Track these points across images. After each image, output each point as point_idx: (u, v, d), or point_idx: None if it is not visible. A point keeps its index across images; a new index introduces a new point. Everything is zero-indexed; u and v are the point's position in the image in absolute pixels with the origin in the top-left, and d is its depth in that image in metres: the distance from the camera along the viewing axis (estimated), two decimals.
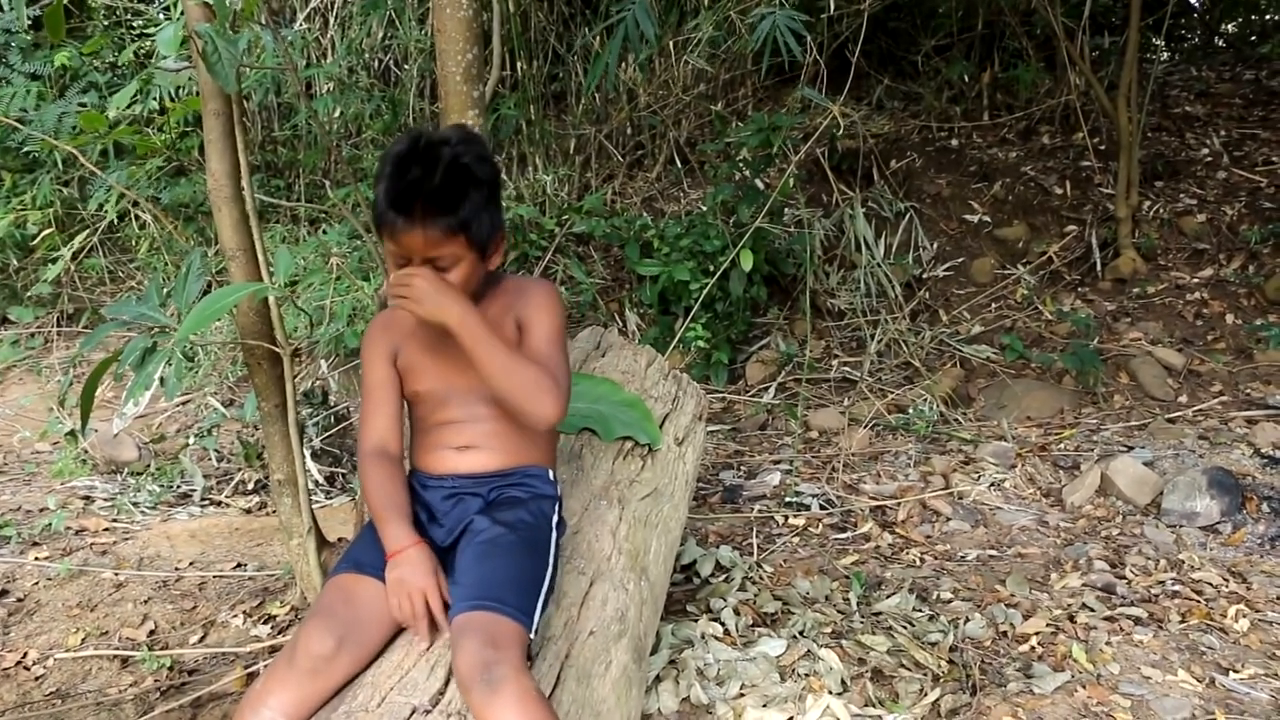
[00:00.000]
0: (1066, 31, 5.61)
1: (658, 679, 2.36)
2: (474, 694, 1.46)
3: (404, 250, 1.70)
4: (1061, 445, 4.09)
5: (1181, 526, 3.37)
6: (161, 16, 5.86)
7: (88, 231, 5.65)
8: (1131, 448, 3.93)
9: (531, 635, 1.61)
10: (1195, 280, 5.33)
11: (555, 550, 1.80)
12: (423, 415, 1.89)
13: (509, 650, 1.51)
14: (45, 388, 5.06)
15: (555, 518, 1.85)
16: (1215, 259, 5.45)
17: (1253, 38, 7.87)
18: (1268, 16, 7.82)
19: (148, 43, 5.38)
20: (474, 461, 1.85)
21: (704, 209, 5.63)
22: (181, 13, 2.35)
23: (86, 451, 4.17)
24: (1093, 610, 2.82)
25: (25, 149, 5.58)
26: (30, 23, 5.64)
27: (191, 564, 3.29)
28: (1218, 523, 3.37)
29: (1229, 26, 8.12)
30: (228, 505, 3.89)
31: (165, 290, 2.35)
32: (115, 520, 3.66)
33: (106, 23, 5.88)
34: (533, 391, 1.72)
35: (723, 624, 2.65)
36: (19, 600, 3.04)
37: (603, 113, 6.47)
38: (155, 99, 5.05)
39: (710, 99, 6.56)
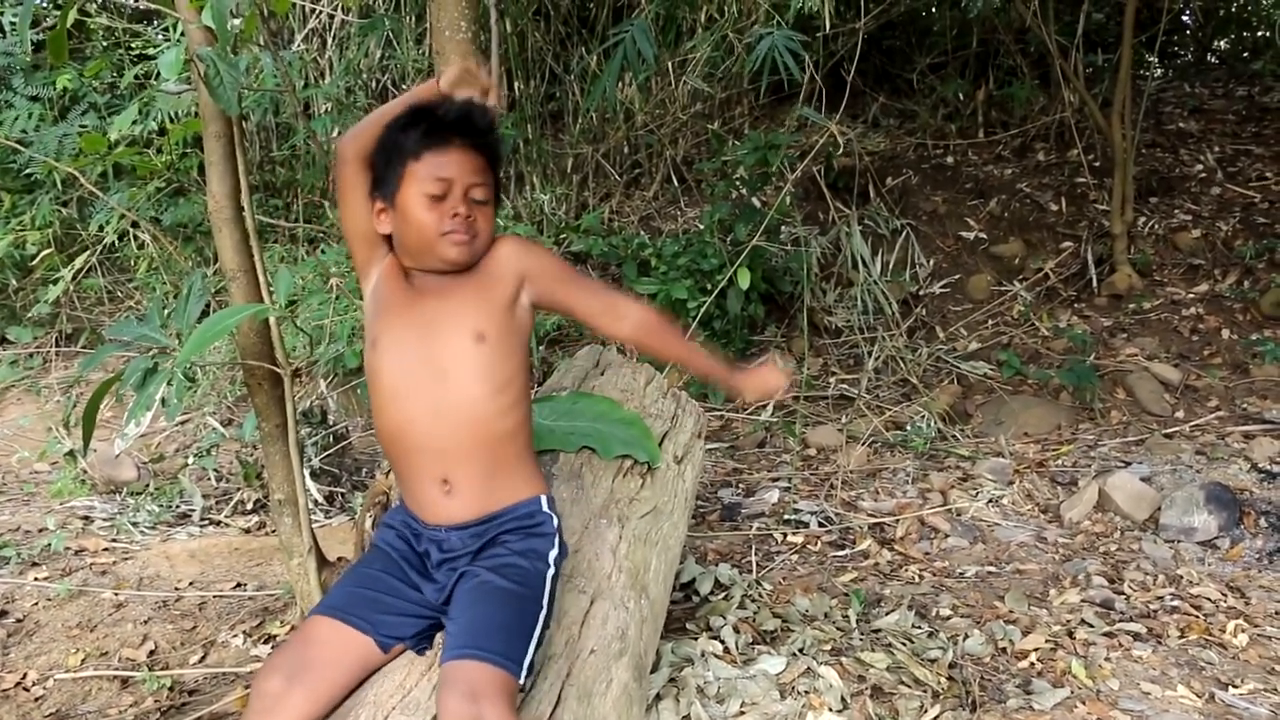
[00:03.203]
0: (1060, 49, 5.65)
1: (658, 697, 2.36)
2: None
3: (450, 175, 1.69)
4: (1059, 461, 4.10)
5: (1179, 542, 3.38)
6: (160, 38, 5.89)
7: (87, 252, 5.66)
8: (1129, 463, 3.94)
9: (520, 680, 1.56)
10: (1191, 296, 5.35)
11: (550, 588, 1.72)
12: (390, 428, 1.77)
13: (492, 700, 1.47)
14: (44, 408, 5.06)
15: (554, 551, 1.76)
16: (1210, 274, 5.47)
17: (1245, 54, 7.92)
18: (1260, 33, 7.87)
19: (147, 64, 5.40)
20: (457, 509, 1.74)
21: (701, 227, 5.65)
22: (182, 35, 2.37)
23: (85, 471, 4.17)
24: (1092, 626, 2.82)
25: (27, 171, 5.60)
26: (31, 45, 5.67)
27: (191, 584, 3.29)
28: (1216, 538, 3.38)
29: (1221, 43, 8.18)
30: (227, 525, 3.89)
31: (166, 311, 2.36)
32: (114, 540, 3.66)
33: (105, 44, 5.91)
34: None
35: (722, 642, 2.65)
36: (18, 621, 3.04)
37: (600, 132, 6.50)
38: (155, 120, 5.07)
39: (707, 118, 6.59)
